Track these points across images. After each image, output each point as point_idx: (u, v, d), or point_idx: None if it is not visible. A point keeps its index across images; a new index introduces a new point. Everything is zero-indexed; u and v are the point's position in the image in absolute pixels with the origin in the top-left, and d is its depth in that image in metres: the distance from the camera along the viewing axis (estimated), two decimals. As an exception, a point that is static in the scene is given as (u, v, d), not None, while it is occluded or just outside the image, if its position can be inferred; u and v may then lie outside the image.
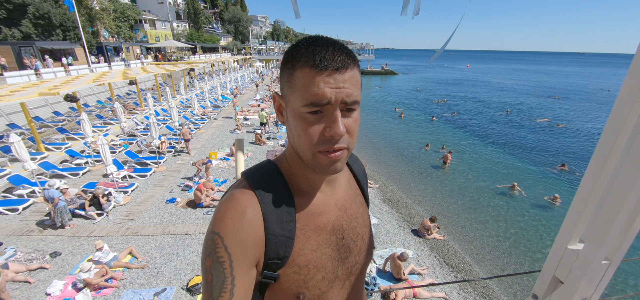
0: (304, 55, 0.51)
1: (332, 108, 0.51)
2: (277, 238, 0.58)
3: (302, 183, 0.64)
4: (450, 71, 65.13)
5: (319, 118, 0.52)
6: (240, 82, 28.55)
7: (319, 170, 0.56)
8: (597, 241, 0.61)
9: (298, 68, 0.52)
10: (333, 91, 0.50)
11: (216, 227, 0.55)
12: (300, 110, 0.52)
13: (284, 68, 0.55)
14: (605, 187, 0.61)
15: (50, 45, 20.49)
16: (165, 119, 14.03)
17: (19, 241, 5.55)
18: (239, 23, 66.20)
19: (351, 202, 0.73)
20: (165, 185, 7.99)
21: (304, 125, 0.53)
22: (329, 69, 0.50)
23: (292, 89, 0.53)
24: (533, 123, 18.94)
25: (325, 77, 0.49)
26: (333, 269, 0.66)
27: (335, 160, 0.54)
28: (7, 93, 9.84)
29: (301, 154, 0.57)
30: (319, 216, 0.65)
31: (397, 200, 8.59)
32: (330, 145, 0.53)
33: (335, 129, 0.51)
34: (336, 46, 0.52)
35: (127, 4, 35.02)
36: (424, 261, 5.88)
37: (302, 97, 0.51)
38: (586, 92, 35.24)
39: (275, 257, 0.59)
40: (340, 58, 0.51)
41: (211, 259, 0.54)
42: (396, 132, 16.51)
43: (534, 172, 11.34)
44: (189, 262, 5.15)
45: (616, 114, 0.58)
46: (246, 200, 0.57)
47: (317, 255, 0.63)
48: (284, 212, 0.60)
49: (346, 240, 0.69)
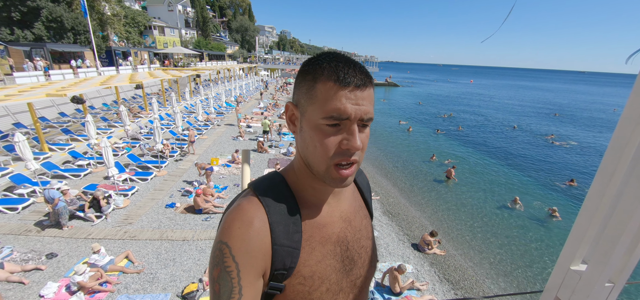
0: (327, 70, 0.53)
1: (350, 123, 0.53)
2: (283, 248, 0.59)
3: (309, 194, 0.65)
4: (453, 86, 65.51)
5: (336, 131, 0.54)
6: (245, 90, 28.87)
7: (331, 182, 0.58)
8: (601, 262, 0.59)
9: (320, 81, 0.54)
10: (354, 107, 0.52)
11: (224, 236, 0.56)
12: (318, 121, 0.54)
13: (303, 79, 0.57)
14: (608, 207, 0.60)
15: (60, 48, 20.95)
16: (169, 123, 14.15)
17: (16, 241, 5.53)
18: (246, 32, 67.49)
19: (355, 214, 0.73)
20: (166, 189, 7.99)
21: (320, 136, 0.55)
22: (351, 85, 0.52)
23: (311, 101, 0.55)
24: (538, 139, 18.87)
25: (348, 92, 0.52)
26: (337, 281, 0.66)
27: (346, 176, 0.57)
28: (15, 93, 10.01)
29: (314, 165, 0.58)
30: (324, 227, 0.65)
31: (398, 213, 8.50)
32: (346, 158, 0.55)
33: (353, 143, 0.53)
34: (357, 65, 0.55)
35: (138, 11, 35.94)
36: (424, 277, 5.76)
37: (323, 109, 0.53)
38: (591, 110, 35.20)
39: (281, 267, 0.59)
40: (361, 76, 0.54)
41: (219, 269, 0.55)
42: (400, 144, 16.50)
43: (538, 187, 11.24)
44: (185, 269, 5.09)
45: (619, 133, 0.58)
46: (253, 210, 0.58)
47: (322, 267, 0.63)
48: (290, 223, 0.60)
49: (350, 252, 0.69)
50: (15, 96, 9.34)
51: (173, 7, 43.06)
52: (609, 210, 0.59)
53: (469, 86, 67.33)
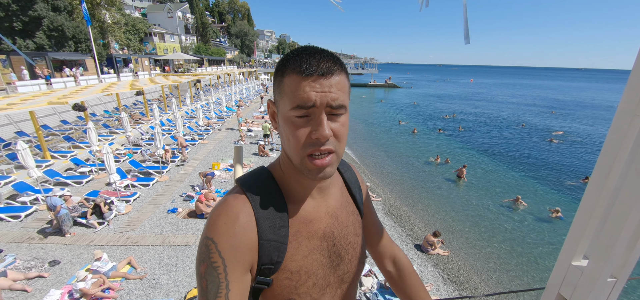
0: (292, 63, 0.54)
1: (317, 111, 0.53)
2: (270, 243, 0.59)
3: (295, 189, 0.65)
4: (454, 86, 65.49)
5: (306, 121, 0.54)
6: (245, 94, 28.97)
7: (308, 174, 0.57)
8: (602, 257, 0.59)
9: (286, 75, 0.55)
10: (318, 95, 0.52)
11: (210, 232, 0.56)
12: (288, 114, 0.55)
13: (275, 76, 0.59)
14: (608, 201, 0.60)
15: (62, 56, 21.14)
16: (170, 129, 14.20)
17: (19, 248, 5.54)
18: (245, 37, 67.91)
19: (342, 210, 0.73)
20: (168, 195, 8.00)
21: (292, 129, 0.55)
22: (315, 74, 0.52)
23: (281, 95, 0.56)
24: (544, 136, 18.76)
25: (311, 81, 0.52)
26: (324, 276, 0.66)
27: (322, 166, 0.56)
28: (18, 101, 10.08)
29: (291, 158, 0.59)
30: (310, 222, 0.66)
31: (400, 214, 8.47)
32: (317, 148, 0.54)
33: (321, 131, 0.53)
34: (323, 54, 0.55)
35: (138, 18, 36.23)
36: (428, 278, 5.73)
37: (290, 101, 0.54)
38: (593, 106, 35.06)
39: (268, 262, 0.59)
40: (326, 64, 0.54)
41: (206, 265, 0.55)
42: (402, 145, 16.47)
43: (546, 185, 11.16)
44: (187, 274, 5.08)
45: (616, 127, 0.58)
46: (239, 205, 0.58)
47: (309, 262, 0.64)
48: (277, 218, 0.61)
49: (337, 248, 0.69)
50: (17, 105, 9.41)
51: (173, 14, 43.42)
52: (609, 205, 0.59)
53: (470, 86, 67.29)
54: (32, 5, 19.77)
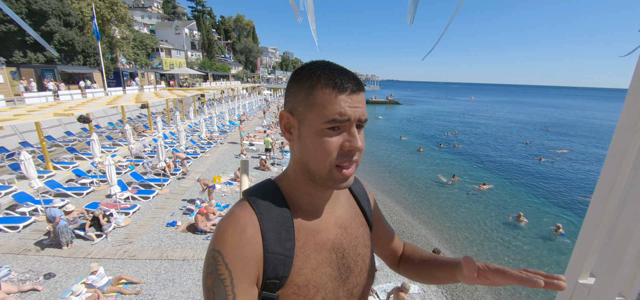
0: (324, 77, 0.57)
1: (350, 124, 0.57)
2: (275, 256, 0.58)
3: (303, 201, 0.65)
4: (455, 103, 66.00)
5: (336, 134, 0.57)
6: (248, 109, 29.31)
7: (333, 184, 0.59)
8: (609, 275, 0.58)
9: (318, 88, 0.56)
10: (352, 110, 0.56)
11: (217, 244, 0.56)
12: (320, 126, 0.56)
13: (299, 88, 0.59)
14: (612, 217, 0.59)
15: (70, 70, 21.68)
16: (173, 142, 14.29)
17: (15, 260, 5.46)
18: (250, 53, 69.56)
19: (351, 221, 0.73)
20: (167, 208, 7.94)
21: (323, 140, 0.57)
22: (348, 90, 0.56)
23: (311, 108, 0.57)
24: (544, 154, 18.65)
25: (345, 97, 0.56)
26: (333, 290, 0.64)
27: (348, 176, 0.59)
28: (24, 112, 10.25)
29: (316, 169, 0.59)
30: (318, 234, 0.65)
31: (402, 231, 8.33)
32: (348, 158, 0.58)
33: (355, 143, 0.57)
34: (349, 72, 0.60)
35: (146, 34, 37.32)
36: (431, 297, 5.56)
37: (324, 115, 0.56)
38: (595, 125, 35.05)
39: (273, 276, 0.58)
40: (355, 82, 0.58)
41: (213, 277, 0.54)
42: (403, 160, 16.43)
43: (545, 201, 11.01)
44: (184, 290, 4.96)
45: (617, 142, 0.58)
46: (246, 217, 0.58)
47: (317, 275, 0.62)
48: (282, 230, 0.60)
49: (346, 260, 0.68)
50: (23, 116, 9.56)
51: (180, 31, 44.76)
52: (613, 220, 0.58)
53: (470, 103, 67.77)
54: (45, 21, 20.50)
